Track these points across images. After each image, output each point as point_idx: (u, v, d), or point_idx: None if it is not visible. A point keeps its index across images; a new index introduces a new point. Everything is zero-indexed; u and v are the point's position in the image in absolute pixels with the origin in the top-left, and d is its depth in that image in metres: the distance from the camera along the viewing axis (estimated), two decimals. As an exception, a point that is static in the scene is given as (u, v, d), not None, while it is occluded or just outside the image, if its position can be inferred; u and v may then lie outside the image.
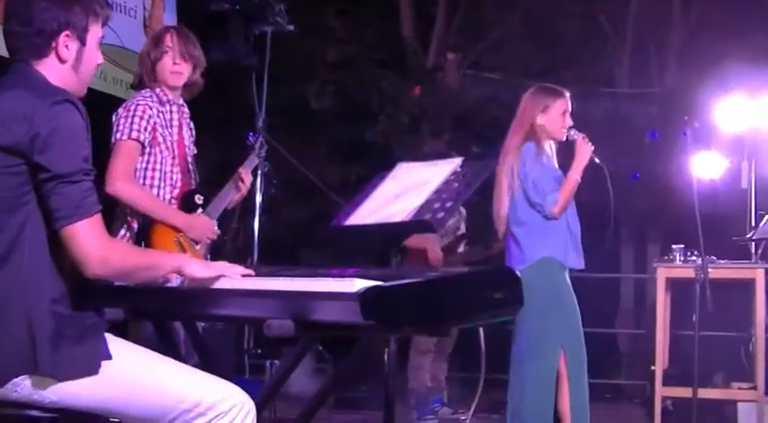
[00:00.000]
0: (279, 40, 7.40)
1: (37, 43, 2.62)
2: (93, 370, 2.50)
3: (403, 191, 3.50)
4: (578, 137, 5.05)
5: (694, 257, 6.42)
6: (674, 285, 7.09)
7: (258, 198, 6.99)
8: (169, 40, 4.32)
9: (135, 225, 4.18)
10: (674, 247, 6.87)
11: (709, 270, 5.68)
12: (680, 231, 7.66)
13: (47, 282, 2.52)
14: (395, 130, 13.68)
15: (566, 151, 5.18)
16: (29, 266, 2.50)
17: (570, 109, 5.12)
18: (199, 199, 4.34)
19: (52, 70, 2.65)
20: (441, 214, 3.27)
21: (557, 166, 5.13)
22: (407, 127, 13.55)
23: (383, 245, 3.69)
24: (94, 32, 2.71)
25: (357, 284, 2.30)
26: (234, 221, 4.47)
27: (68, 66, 2.67)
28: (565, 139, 5.10)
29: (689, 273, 6.12)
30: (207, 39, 4.69)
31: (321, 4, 13.70)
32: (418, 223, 3.38)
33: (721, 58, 11.43)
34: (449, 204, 3.31)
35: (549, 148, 5.13)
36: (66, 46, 2.65)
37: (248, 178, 4.55)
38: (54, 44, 2.64)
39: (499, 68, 14.10)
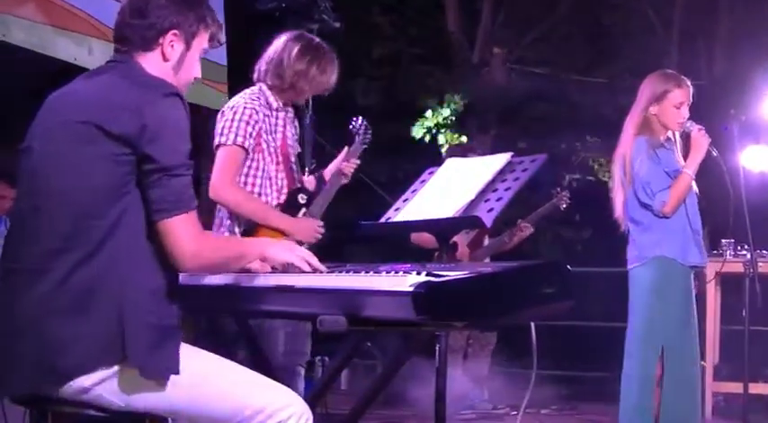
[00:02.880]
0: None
1: (146, 36, 2.70)
2: (165, 378, 2.51)
3: (453, 187, 3.51)
4: (694, 129, 4.75)
5: (744, 252, 6.37)
6: (724, 280, 7.04)
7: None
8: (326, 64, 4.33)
9: (237, 230, 4.15)
10: (723, 241, 6.81)
11: (759, 264, 5.63)
12: (729, 225, 7.60)
13: (144, 274, 2.53)
14: (441, 125, 13.68)
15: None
16: (125, 256, 2.51)
17: (689, 101, 4.81)
18: (302, 198, 4.30)
19: (154, 66, 2.71)
20: (491, 210, 3.28)
21: (679, 157, 4.84)
22: (454, 123, 13.53)
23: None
24: (200, 41, 2.79)
25: (409, 280, 2.31)
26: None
27: (170, 65, 2.74)
28: (681, 131, 4.83)
29: (739, 267, 6.08)
30: (255, 38, 4.68)
31: (367, 1, 13.72)
32: (468, 219, 3.39)
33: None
34: (499, 200, 3.31)
35: (671, 138, 4.85)
36: (173, 45, 2.73)
37: (351, 165, 4.50)
38: (161, 40, 2.71)
39: (545, 63, 14.04)
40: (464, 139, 12.75)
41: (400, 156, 12.86)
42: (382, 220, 3.70)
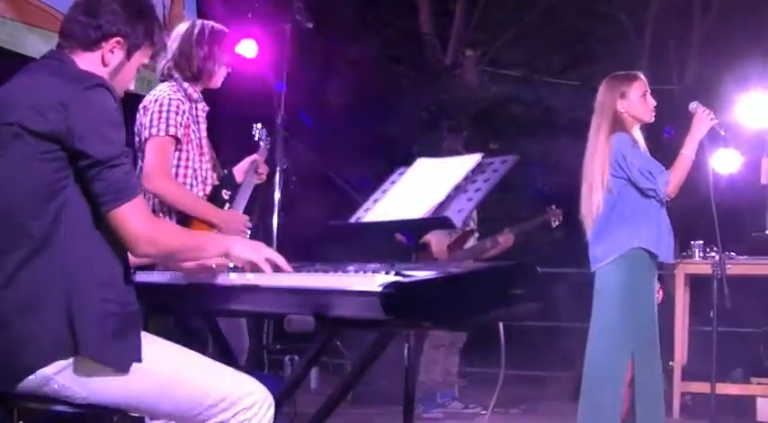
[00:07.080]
0: (298, 37, 7.42)
1: (90, 36, 2.70)
2: (126, 366, 2.52)
3: (423, 187, 3.51)
4: (699, 109, 4.91)
5: (713, 253, 6.42)
6: (693, 281, 7.09)
7: (277, 194, 7.01)
8: (227, 44, 4.37)
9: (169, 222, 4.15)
10: (692, 243, 6.86)
11: (728, 266, 5.66)
12: (698, 227, 7.65)
13: (92, 266, 2.54)
14: (414, 126, 13.68)
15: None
16: (67, 253, 2.51)
17: (648, 90, 4.98)
18: (226, 194, 4.34)
19: (90, 67, 2.70)
20: (461, 211, 3.29)
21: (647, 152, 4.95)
22: (426, 123, 13.55)
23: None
24: (141, 55, 2.80)
25: (378, 280, 2.31)
26: (253, 218, 4.50)
27: (107, 71, 2.73)
28: (652, 120, 4.97)
29: (707, 269, 6.12)
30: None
31: (340, 1, 13.70)
32: (438, 220, 3.39)
33: (742, 54, 11.40)
34: (469, 201, 3.32)
35: (637, 140, 4.95)
36: (113, 51, 2.73)
37: (264, 166, 4.59)
38: (104, 44, 2.71)
39: (518, 65, 14.08)
40: None
41: (372, 156, 12.85)
42: (352, 219, 3.69)
